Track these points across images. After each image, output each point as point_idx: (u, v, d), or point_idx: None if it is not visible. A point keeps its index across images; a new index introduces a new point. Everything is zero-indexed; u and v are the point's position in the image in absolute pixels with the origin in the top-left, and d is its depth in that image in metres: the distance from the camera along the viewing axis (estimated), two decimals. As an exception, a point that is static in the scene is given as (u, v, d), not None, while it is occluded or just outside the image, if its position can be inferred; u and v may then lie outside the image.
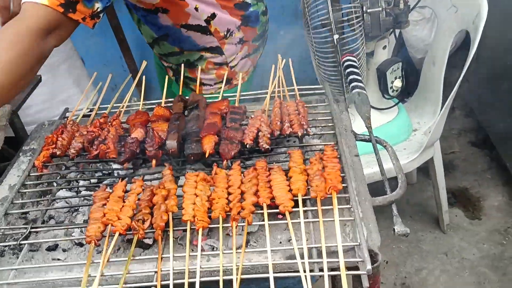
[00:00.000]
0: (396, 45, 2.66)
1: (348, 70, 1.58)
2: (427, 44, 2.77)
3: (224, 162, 1.18)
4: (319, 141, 1.34)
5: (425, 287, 2.45)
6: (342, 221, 1.03)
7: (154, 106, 1.43)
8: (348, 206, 1.05)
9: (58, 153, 1.28)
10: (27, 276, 1.01)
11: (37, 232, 1.12)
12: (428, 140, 2.21)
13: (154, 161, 1.21)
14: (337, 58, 2.12)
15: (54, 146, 1.29)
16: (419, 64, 2.69)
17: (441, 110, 2.18)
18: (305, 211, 1.05)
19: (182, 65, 1.61)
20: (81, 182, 1.28)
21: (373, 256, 0.98)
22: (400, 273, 2.54)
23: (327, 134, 1.33)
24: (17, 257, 1.07)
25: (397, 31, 2.39)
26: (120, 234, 1.02)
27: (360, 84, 1.48)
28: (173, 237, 1.01)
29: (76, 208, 1.21)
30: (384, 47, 2.32)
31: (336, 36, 2.06)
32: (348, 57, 1.62)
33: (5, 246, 1.09)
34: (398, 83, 2.35)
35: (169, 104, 1.45)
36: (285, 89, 1.46)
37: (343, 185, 1.08)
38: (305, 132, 1.25)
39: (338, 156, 1.17)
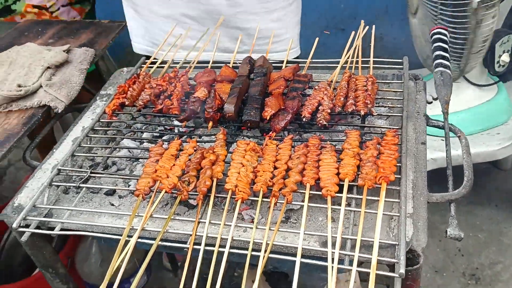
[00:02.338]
0: (509, 15, 2.36)
1: (436, 44, 1.43)
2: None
3: (273, 134, 1.15)
4: (385, 122, 1.25)
5: (497, 283, 2.29)
6: (387, 215, 0.97)
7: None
8: (397, 200, 0.98)
9: (127, 103, 1.34)
10: (82, 217, 1.09)
11: (98, 176, 1.19)
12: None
13: (210, 123, 1.22)
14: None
15: (124, 95, 1.34)
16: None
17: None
18: (349, 198, 1.01)
19: None
20: (145, 134, 1.33)
21: (414, 257, 0.93)
22: (472, 263, 2.40)
23: (395, 116, 1.24)
24: (78, 197, 1.16)
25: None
26: (166, 192, 1.06)
27: (445, 62, 1.34)
28: (215, 202, 1.03)
29: (136, 158, 1.26)
30: (494, 16, 2.07)
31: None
32: (438, 30, 1.47)
33: (68, 185, 1.18)
34: (506, 58, 2.12)
35: (238, 64, 1.43)
36: (359, 60, 1.37)
37: (397, 176, 1.01)
38: (368, 112, 1.18)
39: (399, 143, 1.09)
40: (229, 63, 1.45)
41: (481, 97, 2.20)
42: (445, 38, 1.46)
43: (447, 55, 1.39)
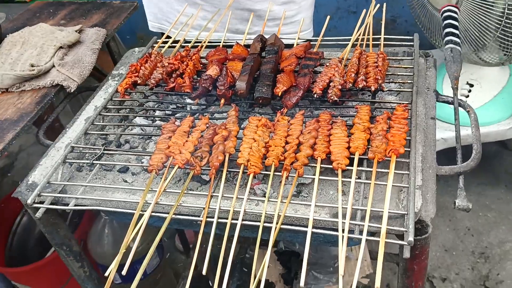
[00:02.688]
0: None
1: (446, 22, 1.43)
2: None
3: (284, 110, 1.16)
4: (395, 98, 1.26)
5: (506, 261, 2.31)
6: (397, 187, 0.99)
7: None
8: (407, 172, 1.00)
9: (139, 81, 1.35)
10: (96, 193, 1.12)
11: (111, 153, 1.22)
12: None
13: (222, 100, 1.24)
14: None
15: (136, 74, 1.36)
16: None
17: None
18: (360, 171, 1.02)
19: None
20: (157, 112, 1.35)
21: (423, 227, 0.94)
22: (482, 242, 2.41)
23: (405, 91, 1.25)
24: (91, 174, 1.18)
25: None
26: (179, 167, 1.08)
27: (455, 39, 1.35)
28: (228, 177, 1.05)
29: (149, 136, 1.28)
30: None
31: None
32: (448, 7, 1.47)
33: (82, 163, 1.20)
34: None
35: (249, 43, 1.44)
36: (370, 38, 1.38)
37: (407, 149, 1.03)
38: (379, 87, 1.18)
39: (409, 117, 1.10)
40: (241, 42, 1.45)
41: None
42: (455, 15, 1.46)
43: (457, 32, 1.40)
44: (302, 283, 0.81)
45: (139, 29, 3.45)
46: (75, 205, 1.09)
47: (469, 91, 2.29)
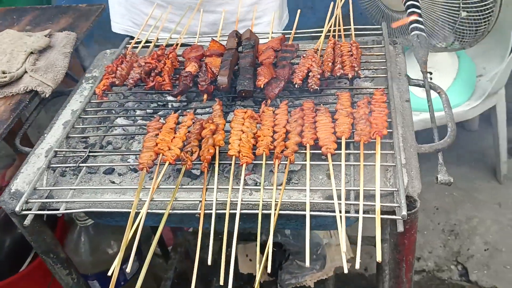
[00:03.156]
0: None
1: (410, 10, 1.50)
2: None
3: (268, 101, 1.19)
4: (371, 84, 1.32)
5: (474, 236, 2.43)
6: (384, 166, 1.04)
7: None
8: (391, 152, 1.05)
9: (117, 82, 1.34)
10: (85, 196, 1.11)
11: (95, 156, 1.21)
12: (493, 86, 2.10)
13: (205, 96, 1.25)
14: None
15: (113, 75, 1.35)
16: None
17: (509, 55, 2.05)
18: (347, 154, 1.06)
19: None
20: (138, 112, 1.34)
21: (412, 202, 0.99)
22: (450, 220, 2.53)
23: (379, 77, 1.30)
24: (77, 178, 1.17)
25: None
26: (169, 164, 1.08)
27: (420, 26, 1.42)
28: (218, 170, 1.06)
29: (132, 135, 1.28)
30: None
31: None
32: (411, -4, 1.54)
33: (66, 167, 1.19)
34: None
35: (224, 40, 1.46)
36: (342, 29, 1.43)
37: (389, 130, 1.08)
38: (356, 74, 1.23)
39: (387, 101, 1.15)
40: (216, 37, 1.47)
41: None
42: (417, 4, 1.53)
43: (421, 19, 1.46)
44: (307, 263, 0.85)
45: (95, 34, 3.38)
46: (66, 209, 1.08)
47: (430, 78, 2.39)
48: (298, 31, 1.47)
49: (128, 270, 1.79)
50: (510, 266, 2.31)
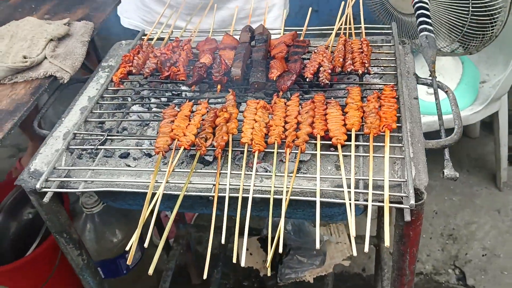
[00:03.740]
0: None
1: (419, 12, 1.54)
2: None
3: (280, 93, 1.23)
4: (380, 80, 1.36)
5: (473, 241, 2.47)
6: (392, 158, 1.08)
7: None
8: (400, 145, 1.08)
9: (133, 71, 1.38)
10: (102, 177, 1.15)
11: (112, 140, 1.25)
12: (495, 92, 2.14)
13: (219, 86, 1.29)
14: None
15: (130, 64, 1.39)
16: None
17: (513, 62, 2.09)
18: (357, 146, 1.10)
19: None
20: (153, 100, 1.38)
21: (418, 195, 1.03)
22: (449, 224, 2.57)
23: (388, 74, 1.34)
24: (93, 161, 1.21)
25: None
26: (184, 149, 1.12)
27: (429, 27, 1.46)
28: (231, 157, 1.10)
29: (147, 122, 1.32)
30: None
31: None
32: (420, -2, 1.58)
33: (84, 149, 1.22)
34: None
35: (236, 35, 1.50)
36: (352, 27, 1.47)
37: (398, 124, 1.12)
38: (366, 70, 1.27)
39: (397, 96, 1.19)
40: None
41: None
42: (426, 6, 1.58)
43: (430, 21, 1.51)
44: (317, 245, 0.88)
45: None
46: (84, 188, 1.12)
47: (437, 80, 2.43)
48: (309, 28, 1.51)
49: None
50: (507, 271, 2.34)
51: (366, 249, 0.89)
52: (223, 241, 0.93)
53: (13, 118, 1.28)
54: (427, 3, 1.58)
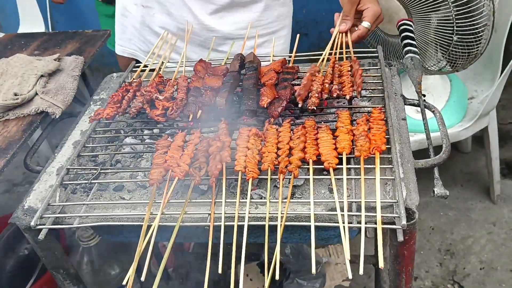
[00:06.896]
0: None
1: (403, 34, 1.58)
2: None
3: (271, 119, 1.25)
4: (368, 103, 1.38)
5: (470, 255, 2.47)
6: (383, 180, 1.09)
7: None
8: (390, 166, 1.10)
9: (118, 116, 1.37)
10: (96, 211, 1.15)
11: (106, 173, 1.25)
12: (484, 108, 2.18)
13: (191, 115, 1.30)
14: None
15: (118, 105, 1.38)
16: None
17: (499, 78, 2.13)
18: (348, 169, 1.12)
19: None
20: (146, 131, 1.40)
21: (410, 214, 1.04)
22: (446, 240, 2.57)
23: (376, 97, 1.37)
24: (87, 195, 1.21)
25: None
26: (179, 179, 1.13)
27: (414, 48, 1.49)
28: (225, 185, 1.11)
29: (140, 154, 1.33)
30: None
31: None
32: (404, 21, 1.62)
33: (78, 184, 1.23)
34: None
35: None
36: (339, 51, 1.50)
37: (387, 146, 1.13)
38: (354, 94, 1.30)
39: (385, 118, 1.21)
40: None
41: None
42: (411, 28, 1.62)
43: (414, 42, 1.54)
44: (313, 270, 0.89)
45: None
46: (79, 223, 1.12)
47: (424, 100, 2.47)
48: (298, 54, 1.55)
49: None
50: (505, 284, 2.34)
51: (361, 271, 0.89)
52: (220, 271, 0.94)
53: (5, 156, 1.29)
54: (411, 26, 1.62)
